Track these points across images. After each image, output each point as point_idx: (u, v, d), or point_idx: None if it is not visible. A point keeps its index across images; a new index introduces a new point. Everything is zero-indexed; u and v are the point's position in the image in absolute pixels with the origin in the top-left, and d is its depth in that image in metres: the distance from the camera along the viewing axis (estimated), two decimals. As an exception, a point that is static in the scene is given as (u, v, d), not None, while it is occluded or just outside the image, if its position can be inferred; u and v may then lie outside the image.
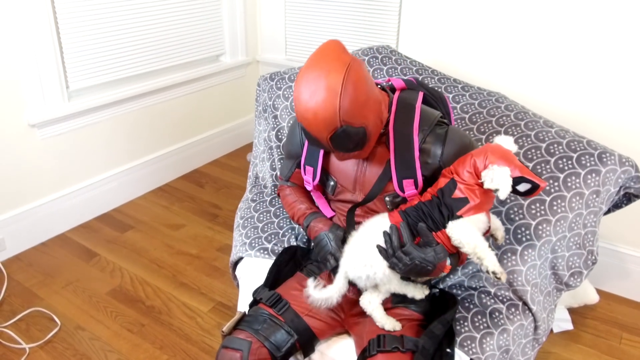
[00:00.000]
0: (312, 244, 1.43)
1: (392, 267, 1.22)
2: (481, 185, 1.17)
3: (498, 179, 1.14)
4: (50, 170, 2.50)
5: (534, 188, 1.16)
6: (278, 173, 1.90)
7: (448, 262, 1.22)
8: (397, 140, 1.28)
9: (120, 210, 2.84)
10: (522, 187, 1.16)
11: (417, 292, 1.31)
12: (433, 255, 1.18)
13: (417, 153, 1.27)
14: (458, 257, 1.26)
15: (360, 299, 1.33)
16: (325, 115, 1.12)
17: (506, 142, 1.23)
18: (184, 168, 3.25)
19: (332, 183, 1.40)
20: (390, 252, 1.21)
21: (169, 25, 2.86)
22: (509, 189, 1.14)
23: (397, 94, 1.34)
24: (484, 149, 1.20)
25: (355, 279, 1.31)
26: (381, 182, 1.31)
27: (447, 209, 1.20)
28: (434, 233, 1.21)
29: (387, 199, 1.34)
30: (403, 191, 1.29)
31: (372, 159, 1.34)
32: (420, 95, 1.34)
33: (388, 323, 1.29)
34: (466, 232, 1.17)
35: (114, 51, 2.61)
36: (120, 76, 2.69)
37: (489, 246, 1.18)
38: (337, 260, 1.35)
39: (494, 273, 1.16)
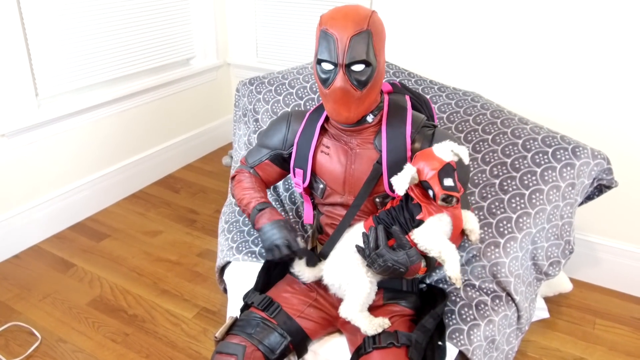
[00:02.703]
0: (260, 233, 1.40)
1: (369, 266, 1.25)
2: (419, 186, 1.21)
3: (397, 176, 1.18)
4: (21, 180, 2.44)
5: (434, 196, 1.16)
6: (242, 155, 1.89)
7: (423, 264, 1.25)
8: (389, 140, 1.31)
9: (94, 218, 2.79)
10: (430, 192, 1.18)
11: (369, 327, 1.28)
12: (405, 258, 1.21)
13: (409, 153, 1.30)
14: (435, 259, 1.28)
15: (339, 310, 1.32)
16: (356, 15, 1.21)
17: (439, 149, 1.22)
18: (157, 174, 3.21)
19: (321, 186, 1.42)
20: (367, 253, 1.24)
21: (138, 30, 2.83)
22: (399, 186, 1.17)
23: (386, 96, 1.38)
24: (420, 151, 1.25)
25: (329, 284, 1.36)
26: (370, 184, 1.34)
27: (408, 213, 1.24)
28: (406, 235, 1.25)
29: (377, 200, 1.36)
30: (393, 191, 1.32)
31: (361, 160, 1.36)
32: (408, 98, 1.39)
33: (370, 327, 1.29)
34: (429, 238, 1.20)
35: (83, 57, 2.56)
36: (90, 82, 2.64)
37: (465, 243, 1.20)
38: (291, 248, 1.34)
39: (450, 278, 1.19)
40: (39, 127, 2.43)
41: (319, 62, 1.25)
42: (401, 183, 1.17)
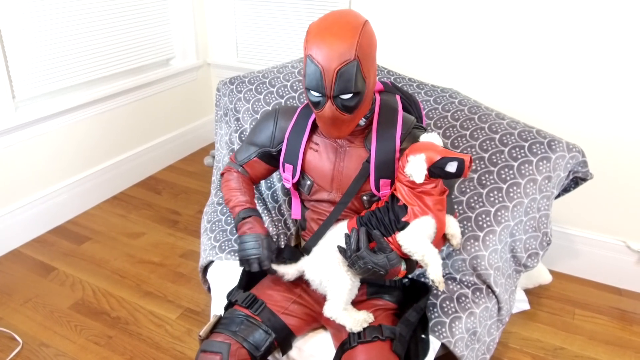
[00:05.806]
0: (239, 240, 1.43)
1: (350, 266, 1.27)
2: (410, 183, 1.22)
3: (410, 166, 1.19)
4: (-1, 185, 2.41)
5: (461, 164, 1.17)
6: (225, 154, 1.90)
7: (403, 267, 1.26)
8: (379, 140, 1.33)
9: (75, 221, 2.76)
10: (450, 167, 1.18)
11: (354, 325, 1.30)
12: (385, 262, 1.22)
13: (397, 154, 1.32)
14: (415, 262, 1.29)
15: (324, 310, 1.32)
16: (342, 44, 1.16)
17: (430, 137, 1.25)
18: (138, 175, 3.18)
19: (308, 182, 1.42)
20: (348, 254, 1.26)
21: (116, 30, 2.80)
22: (421, 172, 1.18)
23: (377, 96, 1.39)
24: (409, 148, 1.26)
25: (310, 280, 1.37)
26: (358, 182, 1.35)
27: (394, 215, 1.26)
28: (386, 238, 1.26)
29: (364, 198, 1.38)
30: (379, 190, 1.34)
31: (350, 158, 1.37)
32: (399, 98, 1.40)
33: (355, 325, 1.30)
34: (414, 241, 1.22)
35: (61, 58, 2.54)
36: (69, 84, 2.61)
37: (445, 249, 1.22)
38: (261, 267, 1.38)
39: (433, 281, 1.21)
40: (17, 129, 2.40)
41: (307, 89, 1.24)
42: (420, 170, 1.18)
